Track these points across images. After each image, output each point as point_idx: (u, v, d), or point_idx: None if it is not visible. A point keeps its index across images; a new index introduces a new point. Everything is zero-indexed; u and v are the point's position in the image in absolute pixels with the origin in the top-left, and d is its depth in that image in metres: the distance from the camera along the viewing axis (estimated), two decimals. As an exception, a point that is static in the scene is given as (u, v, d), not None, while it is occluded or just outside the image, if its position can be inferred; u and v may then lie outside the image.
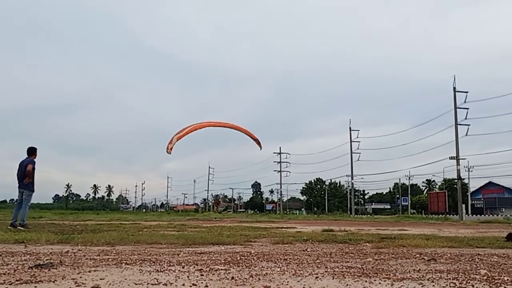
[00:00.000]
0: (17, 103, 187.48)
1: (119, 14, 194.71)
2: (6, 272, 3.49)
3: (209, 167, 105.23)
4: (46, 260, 4.16)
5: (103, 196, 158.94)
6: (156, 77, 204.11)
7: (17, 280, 3.12)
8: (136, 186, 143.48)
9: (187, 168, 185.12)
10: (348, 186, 78.32)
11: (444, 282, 3.44)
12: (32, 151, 11.57)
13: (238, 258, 4.65)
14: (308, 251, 5.51)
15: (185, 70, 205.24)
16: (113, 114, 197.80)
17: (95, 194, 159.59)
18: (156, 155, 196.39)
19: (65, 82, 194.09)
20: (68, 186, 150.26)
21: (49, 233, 7.90)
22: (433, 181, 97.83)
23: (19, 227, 10.68)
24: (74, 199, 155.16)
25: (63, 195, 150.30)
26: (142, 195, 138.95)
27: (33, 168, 11.31)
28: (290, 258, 4.73)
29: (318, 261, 4.58)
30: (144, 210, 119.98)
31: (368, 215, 63.28)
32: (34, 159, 11.55)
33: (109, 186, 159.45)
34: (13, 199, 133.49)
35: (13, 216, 11.41)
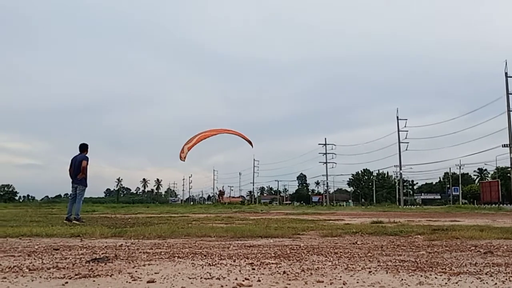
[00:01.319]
0: (69, 101, 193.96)
1: (165, 14, 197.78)
2: (65, 266, 3.62)
3: (254, 159, 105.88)
4: (102, 254, 4.29)
5: (152, 190, 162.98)
6: (200, 71, 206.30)
7: (76, 274, 3.22)
8: (183, 179, 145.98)
9: (232, 161, 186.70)
10: (396, 176, 76.90)
11: (503, 276, 3.31)
12: (84, 148, 11.97)
13: (288, 252, 4.64)
14: (358, 244, 5.44)
15: (228, 63, 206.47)
16: (160, 110, 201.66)
17: (144, 188, 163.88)
18: (202, 149, 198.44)
19: (113, 80, 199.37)
20: (119, 180, 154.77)
21: (103, 226, 8.15)
22: (485, 170, 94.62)
23: (74, 221, 11.10)
24: (124, 193, 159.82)
25: (114, 189, 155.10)
26: (189, 188, 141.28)
27: (87, 163, 11.72)
28: (340, 252, 4.68)
29: (369, 254, 4.51)
30: (191, 203, 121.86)
31: (418, 206, 61.83)
32: (86, 155, 11.95)
33: (157, 180, 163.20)
34: (67, 194, 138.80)
35: (68, 211, 11.85)
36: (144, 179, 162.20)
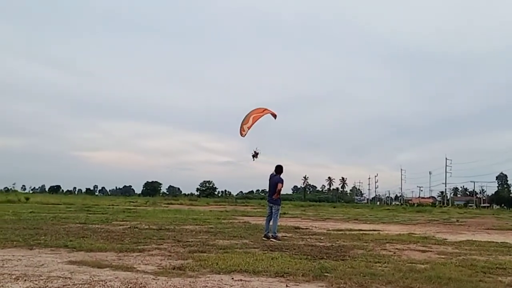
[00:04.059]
0: (257, 101, 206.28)
1: (345, 8, 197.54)
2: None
3: (446, 158, 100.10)
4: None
5: (337, 188, 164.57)
6: (385, 66, 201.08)
7: None
8: (369, 178, 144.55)
9: (422, 159, 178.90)
10: None
11: None
12: (279, 169, 12.63)
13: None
14: None
15: (414, 58, 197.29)
16: (345, 106, 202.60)
17: (330, 186, 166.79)
18: (389, 146, 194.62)
19: (298, 80, 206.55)
20: (305, 178, 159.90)
21: (301, 258, 8.44)
22: None
23: (272, 239, 11.79)
24: (310, 190, 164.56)
25: (301, 186, 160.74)
26: (375, 188, 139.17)
27: (282, 187, 12.35)
28: None
29: None
30: (378, 203, 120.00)
31: None
32: (281, 177, 12.55)
33: (342, 178, 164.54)
34: (258, 190, 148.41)
35: (265, 228, 12.60)
36: (329, 178, 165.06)
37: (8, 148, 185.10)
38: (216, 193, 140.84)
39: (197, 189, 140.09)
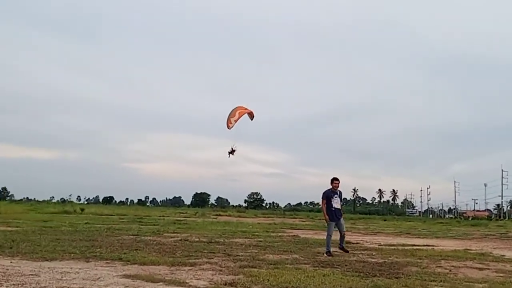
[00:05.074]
0: (306, 114, 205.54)
1: (394, 17, 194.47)
2: None
3: (502, 170, 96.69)
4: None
5: (388, 201, 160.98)
6: (435, 75, 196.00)
7: None
8: (421, 190, 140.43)
9: (476, 171, 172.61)
10: None
11: None
12: (330, 181, 12.46)
13: None
14: None
15: (465, 66, 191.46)
16: (395, 117, 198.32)
17: (380, 198, 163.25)
18: (441, 157, 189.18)
19: (347, 90, 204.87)
20: (354, 190, 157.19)
21: (354, 274, 8.29)
22: None
23: (325, 254, 11.69)
24: (360, 202, 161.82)
25: (350, 199, 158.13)
26: (427, 200, 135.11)
27: (323, 200, 12.37)
28: None
29: None
30: (430, 216, 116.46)
31: None
32: (330, 189, 12.31)
33: (393, 190, 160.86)
34: (307, 202, 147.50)
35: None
36: (379, 190, 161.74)
37: (64, 161, 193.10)
38: (263, 204, 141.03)
39: (245, 201, 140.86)
